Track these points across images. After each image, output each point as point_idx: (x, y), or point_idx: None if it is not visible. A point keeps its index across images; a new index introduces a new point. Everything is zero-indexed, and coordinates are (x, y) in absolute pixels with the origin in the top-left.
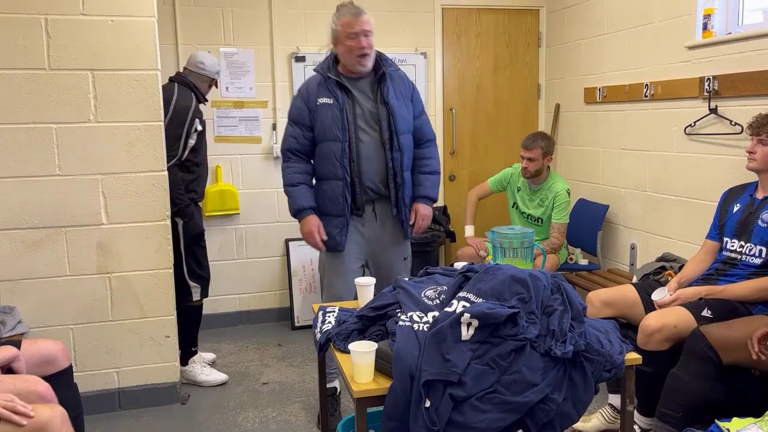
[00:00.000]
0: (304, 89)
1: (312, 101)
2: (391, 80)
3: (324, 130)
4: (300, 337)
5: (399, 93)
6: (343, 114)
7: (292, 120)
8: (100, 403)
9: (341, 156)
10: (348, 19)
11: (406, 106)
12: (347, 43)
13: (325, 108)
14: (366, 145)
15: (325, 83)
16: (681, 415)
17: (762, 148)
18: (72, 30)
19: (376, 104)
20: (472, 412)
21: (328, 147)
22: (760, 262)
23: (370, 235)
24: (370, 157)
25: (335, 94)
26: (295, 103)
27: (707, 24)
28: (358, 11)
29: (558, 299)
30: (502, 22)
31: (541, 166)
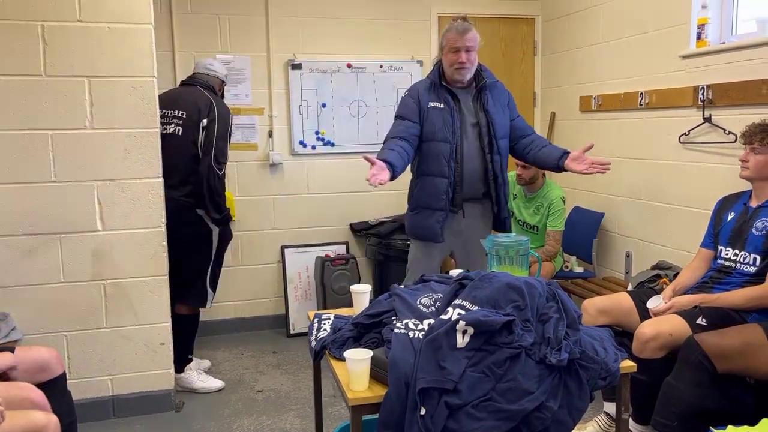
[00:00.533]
0: (415, 91)
1: (424, 103)
2: (490, 91)
3: (434, 131)
4: (295, 344)
5: (497, 102)
6: (453, 118)
7: (401, 116)
8: (94, 411)
9: (449, 157)
10: (452, 35)
11: (504, 112)
12: (449, 55)
13: (437, 111)
14: (469, 148)
15: (435, 89)
16: (676, 424)
17: (755, 157)
18: (69, 37)
19: (476, 112)
20: (468, 420)
21: (437, 147)
22: (754, 270)
23: (460, 230)
24: (472, 159)
25: (446, 100)
26: (406, 103)
27: (701, 33)
28: (464, 29)
29: (553, 307)
30: (498, 30)
31: (535, 174)
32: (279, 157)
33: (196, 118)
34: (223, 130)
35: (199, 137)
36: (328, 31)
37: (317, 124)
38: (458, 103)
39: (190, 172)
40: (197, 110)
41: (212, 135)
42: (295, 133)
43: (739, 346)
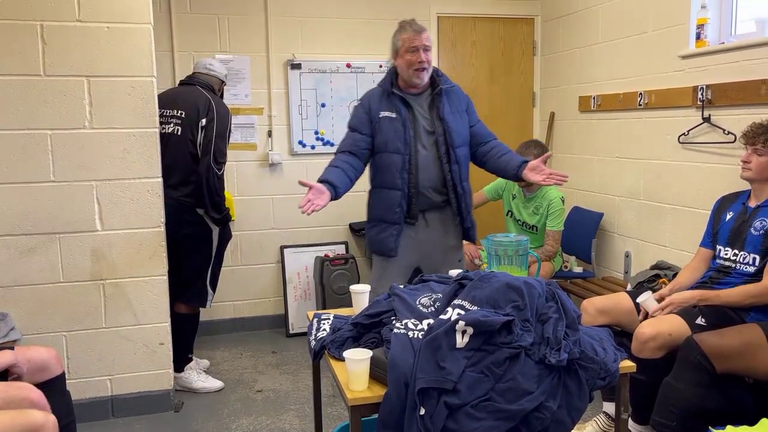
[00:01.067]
0: (366, 101)
1: (375, 113)
2: (446, 96)
3: (386, 142)
4: (294, 344)
5: (454, 108)
6: (406, 128)
7: (352, 128)
8: (93, 411)
9: (401, 168)
10: (409, 35)
11: (461, 119)
12: (407, 56)
13: (388, 121)
14: (424, 158)
15: (388, 97)
16: (675, 424)
17: (757, 159)
18: (68, 36)
19: (432, 120)
20: (467, 420)
21: (389, 158)
22: (753, 270)
23: (421, 240)
24: (428, 169)
25: (398, 108)
26: (357, 113)
27: (700, 34)
28: (420, 28)
29: (553, 307)
30: (498, 30)
31: None
32: (278, 156)
33: (195, 117)
34: (222, 129)
35: (198, 137)
36: (328, 31)
37: (316, 124)
38: (412, 111)
39: (189, 172)
40: (196, 110)
41: (211, 134)
42: (295, 133)
43: (739, 346)
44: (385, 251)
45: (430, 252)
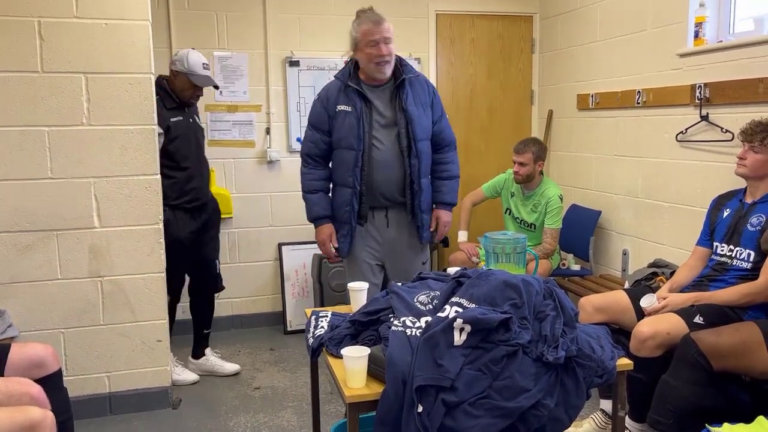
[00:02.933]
0: (324, 94)
1: (331, 107)
2: (410, 86)
3: (340, 139)
4: (292, 341)
5: (418, 100)
6: (360, 123)
7: (311, 124)
8: (91, 408)
9: (353, 166)
10: (368, 27)
11: (425, 112)
12: (367, 50)
13: (343, 115)
14: (383, 153)
15: (345, 90)
16: (672, 422)
17: (753, 155)
18: (65, 33)
19: (394, 111)
20: (465, 418)
21: (342, 155)
22: (749, 266)
23: (384, 240)
24: (387, 165)
25: (354, 102)
26: (315, 108)
27: (698, 32)
28: (379, 19)
29: (550, 305)
30: (496, 28)
31: (532, 171)
32: (276, 154)
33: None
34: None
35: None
36: (326, 29)
37: None
38: (369, 105)
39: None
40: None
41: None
42: (293, 130)
43: (736, 344)
44: (339, 251)
45: (395, 253)
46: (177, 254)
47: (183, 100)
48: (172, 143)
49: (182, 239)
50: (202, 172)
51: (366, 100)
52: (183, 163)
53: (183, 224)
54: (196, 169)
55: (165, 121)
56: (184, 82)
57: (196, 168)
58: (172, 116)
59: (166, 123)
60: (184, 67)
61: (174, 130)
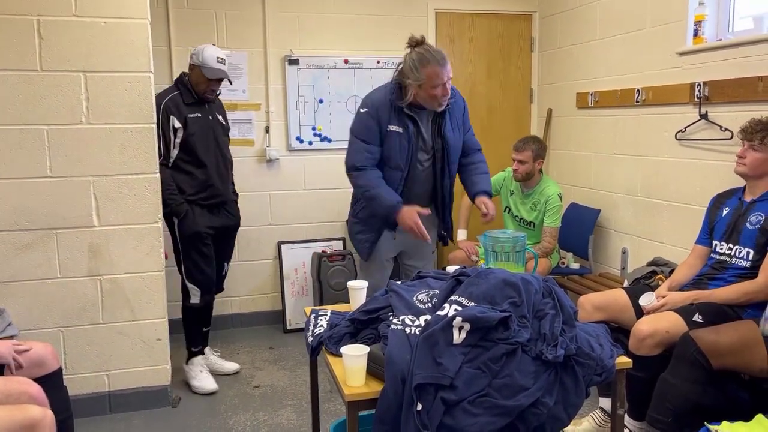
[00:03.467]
0: (374, 111)
1: (384, 125)
2: (449, 113)
3: (389, 157)
4: (292, 340)
5: (455, 123)
6: (410, 144)
7: (362, 139)
8: (90, 406)
9: (398, 183)
10: (435, 70)
11: (459, 134)
12: (431, 91)
13: (395, 136)
14: (420, 173)
15: (395, 111)
16: (671, 420)
17: (753, 154)
18: (64, 31)
19: (433, 135)
20: (464, 416)
21: (389, 173)
22: (748, 264)
23: (401, 240)
24: (423, 183)
25: (405, 125)
26: (365, 123)
27: (698, 30)
28: (444, 60)
29: (549, 303)
30: (496, 26)
31: (531, 169)
32: (276, 152)
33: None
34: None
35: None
36: (325, 27)
37: (314, 120)
38: (417, 127)
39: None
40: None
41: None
42: (292, 128)
43: (735, 342)
44: (359, 252)
45: (409, 246)
46: (197, 247)
47: (199, 95)
48: (190, 138)
49: (201, 232)
50: (220, 170)
51: (415, 122)
52: (201, 158)
53: (200, 218)
54: (214, 166)
55: (183, 115)
56: (198, 75)
57: (214, 165)
58: (190, 112)
59: (183, 117)
60: (199, 60)
61: (191, 126)
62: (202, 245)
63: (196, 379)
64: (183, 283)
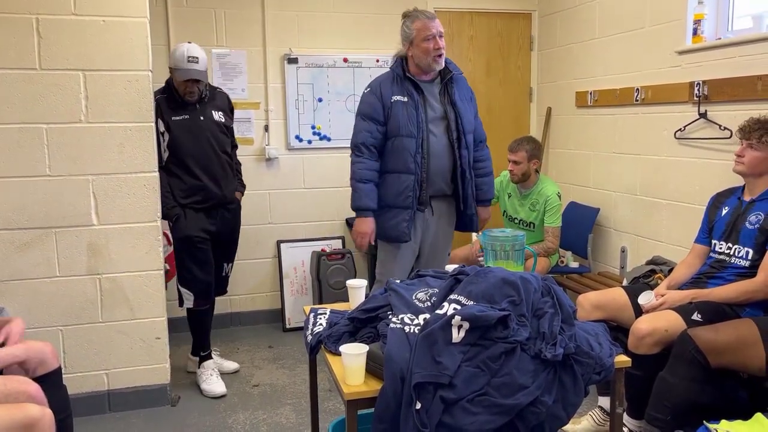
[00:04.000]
0: (377, 87)
1: (387, 98)
2: (456, 83)
3: (399, 126)
4: (291, 339)
5: (463, 95)
6: (418, 112)
7: (364, 115)
8: (90, 405)
9: (415, 152)
10: (424, 22)
11: (469, 107)
12: (424, 45)
13: (401, 105)
14: (435, 144)
15: (399, 82)
16: (670, 418)
17: (751, 153)
18: (63, 30)
19: (443, 105)
20: (463, 415)
21: (402, 142)
22: (748, 264)
23: (425, 229)
24: (439, 155)
25: (410, 93)
26: (368, 100)
27: (697, 29)
28: (432, 15)
29: (548, 302)
30: (495, 25)
31: (526, 170)
32: (275, 151)
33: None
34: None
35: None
36: (325, 26)
37: (313, 119)
38: (423, 96)
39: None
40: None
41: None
42: (291, 127)
43: (733, 341)
44: (398, 237)
45: (433, 240)
46: (190, 251)
47: (181, 97)
48: (174, 141)
49: (192, 236)
50: (214, 172)
51: (420, 91)
52: (187, 162)
53: (194, 222)
54: (206, 169)
55: (166, 118)
56: (174, 77)
57: (206, 168)
58: (175, 114)
59: (166, 120)
60: (171, 62)
61: (174, 129)
62: (194, 249)
63: (206, 382)
64: (177, 288)
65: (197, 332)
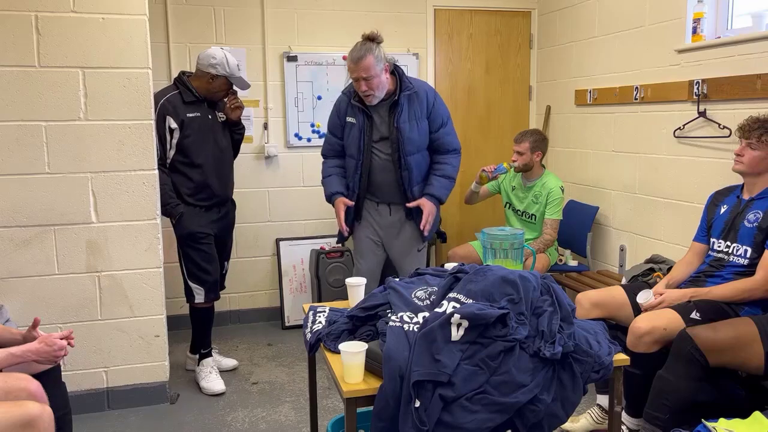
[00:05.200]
0: (337, 105)
1: (342, 117)
2: (407, 102)
3: (348, 146)
4: (290, 336)
5: (413, 114)
6: (361, 135)
7: (329, 129)
8: (89, 403)
9: (353, 172)
10: (349, 65)
11: (419, 126)
12: (355, 84)
13: (350, 126)
14: (382, 161)
15: (350, 105)
16: (668, 417)
17: (750, 152)
18: (62, 27)
19: (389, 127)
20: (462, 413)
21: (348, 162)
22: (746, 262)
23: (384, 225)
24: (386, 170)
25: (358, 117)
26: (332, 117)
27: (697, 28)
28: (358, 56)
29: (547, 300)
30: (494, 23)
31: (529, 161)
32: (274, 149)
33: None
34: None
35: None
36: (324, 24)
37: (313, 117)
38: (370, 120)
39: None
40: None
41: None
42: (291, 125)
43: (732, 340)
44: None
45: (393, 236)
46: (195, 246)
47: (209, 98)
48: (186, 139)
49: (196, 233)
50: (218, 170)
51: (367, 116)
52: (196, 160)
53: (197, 219)
54: (211, 167)
55: (180, 116)
56: (223, 83)
57: (211, 166)
58: (189, 111)
59: (180, 118)
60: (225, 71)
61: (188, 127)
62: (200, 244)
63: (206, 380)
64: (186, 284)
65: (200, 330)
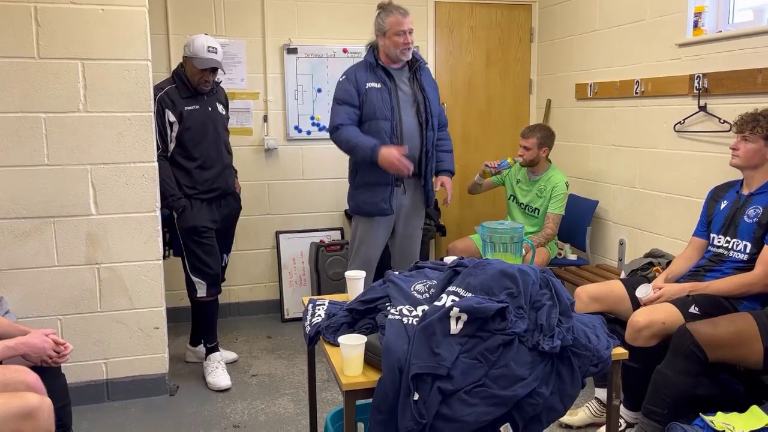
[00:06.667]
0: (352, 74)
1: (362, 85)
2: (422, 72)
3: (374, 111)
4: (289, 329)
5: (428, 82)
6: (391, 97)
7: (341, 101)
8: (88, 394)
9: (390, 133)
10: (397, 19)
11: (435, 93)
12: (394, 38)
13: (374, 91)
14: (407, 126)
15: (371, 70)
16: (666, 411)
17: (745, 145)
18: (62, 19)
19: (413, 90)
20: (460, 406)
21: (378, 125)
22: (746, 257)
23: (398, 206)
24: (411, 136)
25: (383, 80)
26: (343, 87)
27: (698, 22)
28: (405, 12)
29: (546, 294)
30: (495, 16)
31: (536, 156)
32: (274, 142)
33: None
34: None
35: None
36: (324, 16)
37: (312, 109)
38: (394, 82)
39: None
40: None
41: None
42: (290, 118)
43: (732, 335)
44: (378, 212)
45: (406, 216)
46: (197, 240)
47: (194, 87)
48: (185, 132)
49: (198, 227)
50: (218, 162)
51: (391, 77)
52: (194, 152)
53: (199, 213)
54: (211, 159)
55: (178, 109)
56: (191, 66)
57: (211, 159)
58: (187, 105)
59: (179, 111)
60: (190, 51)
61: (187, 120)
62: (201, 238)
63: (212, 375)
64: (188, 278)
65: (204, 324)
